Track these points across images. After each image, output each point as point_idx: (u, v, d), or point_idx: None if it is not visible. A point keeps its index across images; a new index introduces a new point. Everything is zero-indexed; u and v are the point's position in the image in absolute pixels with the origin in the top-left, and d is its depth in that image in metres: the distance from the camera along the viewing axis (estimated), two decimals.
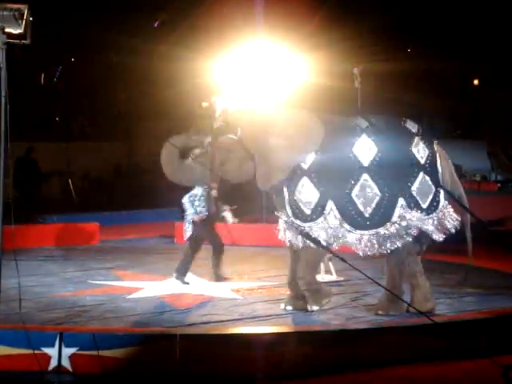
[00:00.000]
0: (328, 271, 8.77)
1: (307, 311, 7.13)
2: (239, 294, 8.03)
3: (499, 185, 20.62)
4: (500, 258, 8.93)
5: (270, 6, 10.22)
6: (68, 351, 5.80)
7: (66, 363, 5.81)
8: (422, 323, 6.33)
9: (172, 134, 7.50)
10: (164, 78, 17.08)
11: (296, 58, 10.18)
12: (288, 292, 7.44)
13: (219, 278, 8.75)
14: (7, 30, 6.28)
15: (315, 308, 7.11)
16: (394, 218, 6.89)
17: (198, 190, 8.55)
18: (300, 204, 6.94)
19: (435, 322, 5.27)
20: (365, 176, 6.89)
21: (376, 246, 6.94)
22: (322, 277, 8.48)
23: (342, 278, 8.77)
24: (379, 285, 6.51)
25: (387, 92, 16.46)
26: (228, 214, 8.85)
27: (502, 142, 22.32)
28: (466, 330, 6.35)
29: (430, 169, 7.01)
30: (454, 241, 7.07)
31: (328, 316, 7.04)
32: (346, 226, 6.90)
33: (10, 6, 6.29)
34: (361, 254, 7.03)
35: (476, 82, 24.68)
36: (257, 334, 6.22)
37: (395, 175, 6.94)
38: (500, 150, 22.18)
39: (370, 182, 6.90)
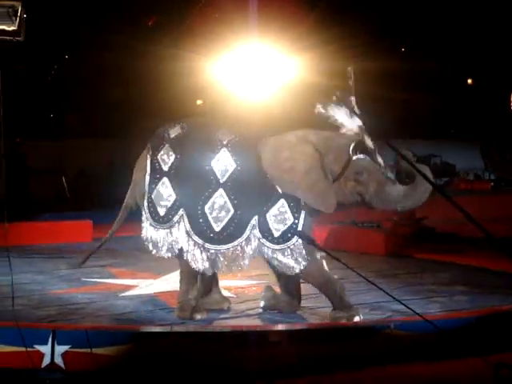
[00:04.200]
0: None
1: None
2: (232, 292, 8.03)
3: (492, 184, 20.69)
4: (491, 256, 8.95)
5: (262, 7, 10.25)
6: (61, 349, 5.80)
7: (58, 361, 5.80)
8: (412, 322, 6.32)
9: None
10: (159, 77, 17.08)
11: (288, 58, 10.21)
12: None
13: None
14: (0, 26, 6.25)
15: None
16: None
17: None
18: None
19: (427, 321, 5.30)
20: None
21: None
22: None
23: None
24: (374, 284, 6.51)
25: (380, 91, 16.50)
26: None
27: (495, 141, 22.38)
28: (457, 329, 6.37)
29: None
30: (447, 240, 7.09)
31: (322, 314, 7.04)
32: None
33: (3, 2, 6.26)
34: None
35: (470, 81, 24.76)
36: (249, 331, 6.24)
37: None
38: (493, 149, 22.24)
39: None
